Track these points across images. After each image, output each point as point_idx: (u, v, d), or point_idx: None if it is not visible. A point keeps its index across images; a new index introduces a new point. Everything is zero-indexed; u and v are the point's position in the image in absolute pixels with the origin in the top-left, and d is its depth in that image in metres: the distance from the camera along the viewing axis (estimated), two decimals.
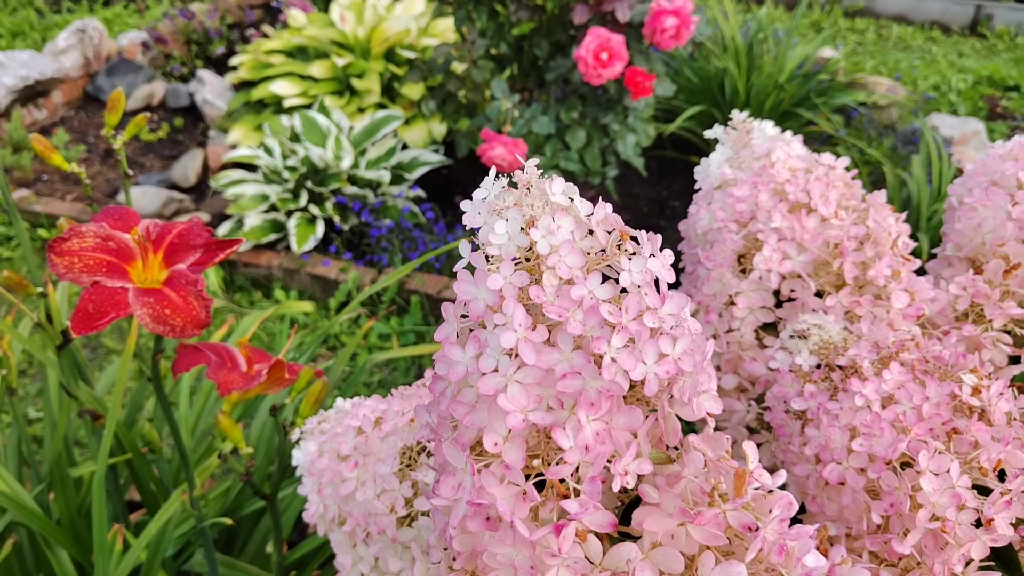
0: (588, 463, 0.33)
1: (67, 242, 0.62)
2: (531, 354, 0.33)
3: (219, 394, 0.67)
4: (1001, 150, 0.69)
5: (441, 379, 0.36)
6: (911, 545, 0.43)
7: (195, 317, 0.61)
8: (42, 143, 0.81)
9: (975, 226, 0.66)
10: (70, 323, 0.58)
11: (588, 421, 0.33)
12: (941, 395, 0.46)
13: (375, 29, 2.54)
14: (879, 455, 0.45)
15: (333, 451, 0.58)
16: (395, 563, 0.52)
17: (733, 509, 0.36)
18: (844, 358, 0.51)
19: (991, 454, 0.44)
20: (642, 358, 0.34)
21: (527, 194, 0.36)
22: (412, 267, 0.99)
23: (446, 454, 0.35)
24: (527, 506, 0.33)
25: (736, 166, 0.68)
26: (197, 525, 0.83)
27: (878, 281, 0.59)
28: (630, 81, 1.76)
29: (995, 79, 3.22)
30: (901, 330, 0.53)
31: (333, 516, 0.57)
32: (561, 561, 0.33)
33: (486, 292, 0.34)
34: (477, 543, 0.34)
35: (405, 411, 0.56)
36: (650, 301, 0.34)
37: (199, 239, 0.66)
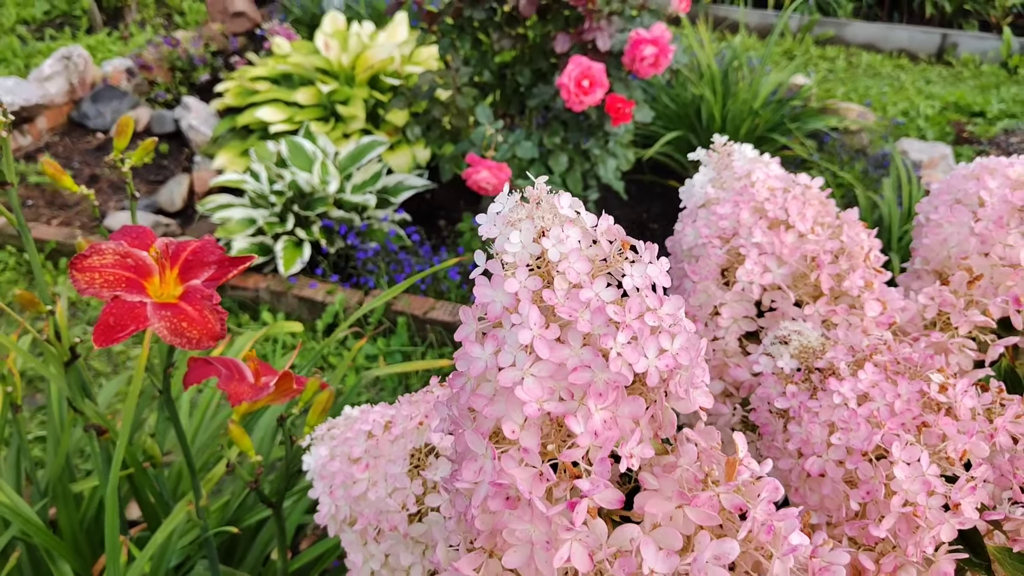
0: (597, 447, 0.37)
1: (88, 259, 0.65)
2: (545, 350, 0.37)
3: (231, 404, 0.70)
4: (964, 171, 0.74)
5: (461, 375, 0.40)
6: (886, 529, 0.47)
7: (210, 330, 0.64)
8: (52, 166, 0.84)
9: (941, 241, 0.71)
10: (93, 335, 0.61)
11: (597, 410, 0.37)
12: (911, 393, 0.50)
13: (359, 57, 2.58)
14: (856, 448, 0.49)
15: (344, 454, 0.61)
16: (406, 558, 0.56)
17: (726, 492, 0.40)
18: (822, 361, 0.55)
19: (957, 445, 0.48)
20: (644, 352, 0.37)
21: (538, 207, 0.40)
22: (400, 289, 1.03)
23: (468, 442, 0.38)
24: (543, 486, 0.36)
25: (719, 186, 0.73)
26: (201, 535, 0.86)
27: (852, 291, 0.64)
28: (610, 108, 1.82)
29: (961, 105, 3.31)
30: (874, 335, 0.57)
31: (344, 517, 0.61)
32: (574, 535, 0.36)
33: (503, 295, 0.38)
34: (497, 521, 0.38)
35: (413, 415, 0.59)
36: (650, 302, 0.38)
37: (212, 256, 0.69)
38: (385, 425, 0.60)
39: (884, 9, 4.34)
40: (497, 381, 0.38)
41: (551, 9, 1.95)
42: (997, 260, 0.66)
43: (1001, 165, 0.72)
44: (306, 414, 0.72)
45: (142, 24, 3.72)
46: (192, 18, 3.80)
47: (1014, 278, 0.65)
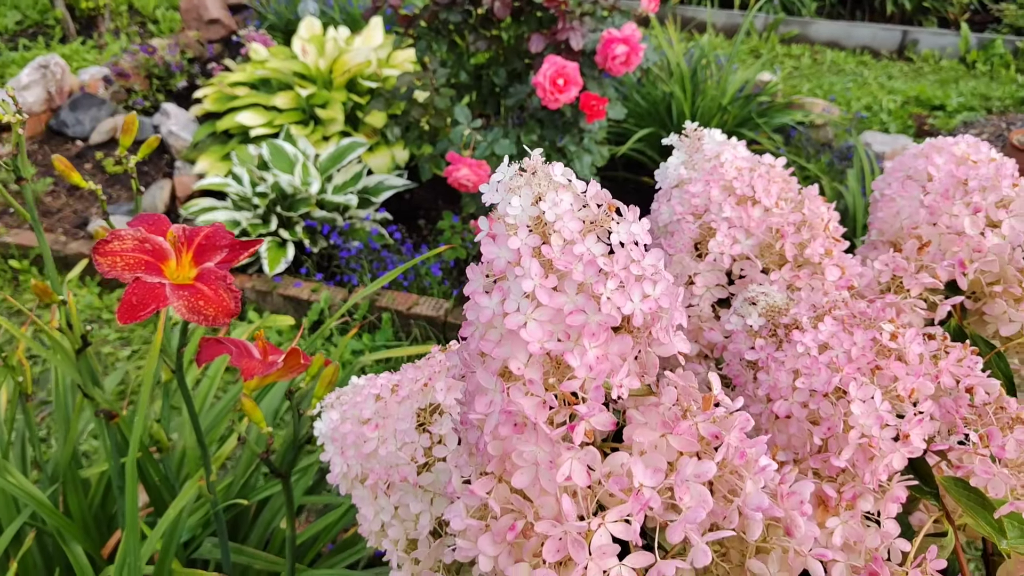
0: (592, 379, 0.43)
1: (109, 244, 0.70)
2: (545, 297, 0.43)
3: (243, 378, 0.75)
4: (915, 150, 0.81)
5: (471, 323, 0.46)
6: (846, 460, 0.53)
7: (226, 307, 0.70)
8: (62, 162, 0.89)
9: (894, 214, 0.78)
10: (117, 314, 0.67)
11: (591, 347, 0.43)
12: (866, 341, 0.57)
13: (336, 61, 2.63)
14: (818, 390, 0.55)
15: (354, 417, 0.67)
16: (416, 506, 0.61)
17: (703, 421, 0.46)
18: (787, 317, 0.61)
19: (906, 385, 0.54)
20: (630, 297, 0.43)
21: (534, 176, 0.46)
22: (381, 283, 1.08)
23: (479, 379, 0.44)
24: (547, 412, 0.42)
25: (691, 167, 0.79)
26: (212, 509, 0.91)
27: (814, 259, 0.70)
28: (585, 105, 1.88)
29: (922, 99, 3.42)
30: (833, 295, 0.63)
31: (356, 474, 0.66)
32: (574, 454, 0.42)
33: (507, 251, 0.44)
34: (507, 446, 0.43)
35: (418, 379, 0.65)
36: (634, 255, 0.44)
37: (224, 240, 0.74)
38: (392, 388, 0.66)
39: (847, 7, 4.45)
40: (504, 326, 0.43)
41: (524, 11, 2.01)
42: (944, 229, 0.73)
43: (947, 144, 0.79)
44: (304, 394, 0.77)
45: (116, 33, 3.74)
46: (166, 26, 3.83)
47: (959, 244, 0.72)
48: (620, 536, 0.42)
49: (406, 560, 0.62)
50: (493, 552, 0.44)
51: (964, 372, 0.58)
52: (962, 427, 0.56)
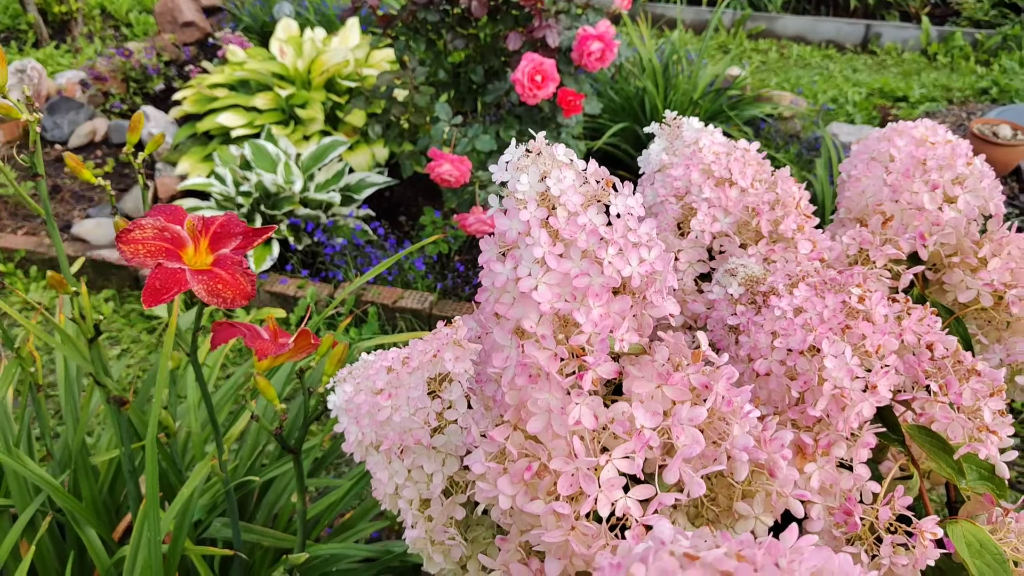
0: (597, 333, 0.48)
1: (131, 233, 0.75)
2: (554, 262, 0.48)
3: (257, 358, 0.80)
4: (878, 134, 0.87)
5: (486, 289, 0.51)
6: (820, 410, 0.59)
7: (243, 290, 0.74)
8: (73, 159, 0.93)
9: (860, 192, 0.84)
10: (142, 298, 0.71)
11: (595, 306, 0.48)
12: (836, 303, 0.63)
13: (314, 61, 2.67)
14: (794, 348, 0.61)
15: (368, 388, 0.72)
16: (429, 466, 0.66)
17: (694, 373, 0.51)
18: (764, 286, 0.67)
19: (873, 341, 0.60)
20: (628, 261, 0.49)
21: (539, 156, 0.51)
22: (367, 278, 1.12)
23: (496, 338, 0.49)
24: (558, 363, 0.47)
25: (671, 153, 0.85)
26: (224, 487, 0.95)
27: (787, 234, 0.76)
28: (562, 100, 1.94)
29: (886, 91, 3.51)
30: (805, 266, 0.69)
31: (370, 441, 0.71)
32: (583, 400, 0.47)
33: (518, 223, 0.49)
34: (523, 395, 0.49)
35: (427, 351, 0.70)
36: (631, 224, 0.50)
37: (237, 228, 0.79)
38: (403, 361, 0.71)
39: (812, 3, 4.55)
40: (516, 290, 0.49)
41: (501, 10, 2.06)
42: (906, 205, 0.79)
43: (907, 127, 0.85)
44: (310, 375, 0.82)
45: (89, 37, 3.75)
46: (139, 30, 3.84)
47: (919, 219, 0.78)
48: (625, 471, 0.47)
49: (420, 518, 0.67)
50: (511, 491, 0.49)
51: (925, 330, 0.64)
52: (924, 379, 0.62)
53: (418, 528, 0.68)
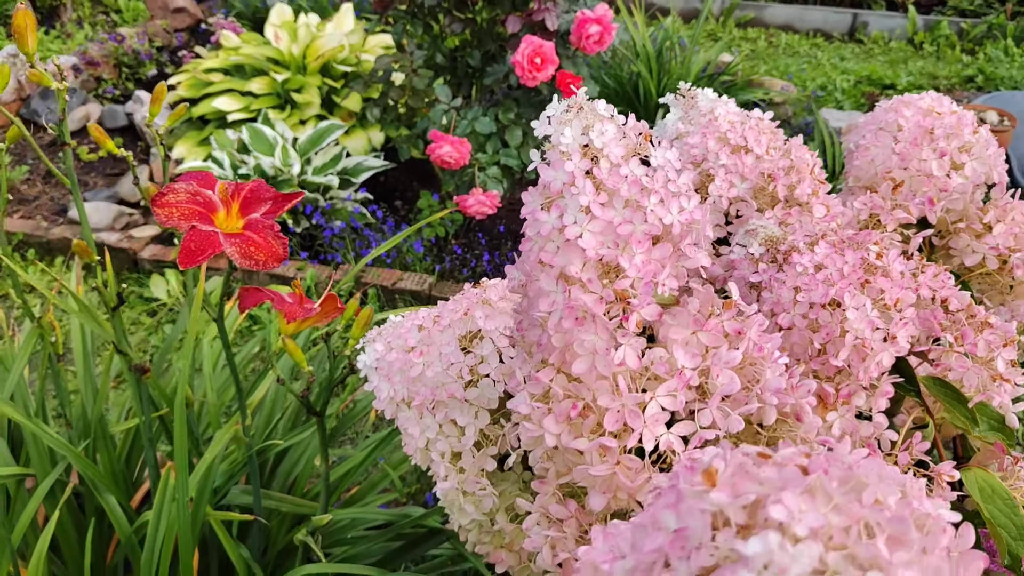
0: (640, 278, 0.50)
1: (165, 196, 0.76)
2: (598, 210, 0.50)
3: (286, 321, 0.81)
4: (885, 105, 0.90)
5: (530, 239, 0.53)
6: (842, 360, 0.62)
7: (275, 252, 0.76)
8: (97, 130, 0.94)
9: (868, 161, 0.87)
10: (178, 259, 0.73)
11: (637, 252, 0.51)
12: (856, 259, 0.65)
13: (309, 46, 2.67)
14: (816, 302, 0.64)
15: (399, 346, 0.74)
16: (462, 419, 0.68)
17: (728, 319, 0.54)
18: (785, 244, 0.70)
19: (892, 295, 0.63)
20: (669, 210, 0.51)
21: (580, 111, 0.53)
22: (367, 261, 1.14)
23: (542, 284, 0.51)
24: (603, 306, 0.50)
25: (687, 123, 0.87)
26: (247, 452, 0.97)
27: (802, 198, 0.79)
28: (561, 83, 1.96)
29: (873, 79, 3.56)
30: (822, 226, 0.72)
31: (402, 397, 0.73)
32: (627, 340, 0.50)
33: (562, 174, 0.51)
34: (568, 337, 0.51)
35: (457, 309, 0.72)
36: (671, 175, 0.52)
37: (267, 194, 0.81)
38: (434, 319, 0.73)
39: None
40: (561, 238, 0.51)
41: None
42: (914, 172, 0.82)
43: (914, 99, 0.88)
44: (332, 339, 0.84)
45: (79, 23, 3.73)
46: (129, 16, 3.82)
47: (928, 185, 0.81)
48: (667, 407, 0.50)
49: (452, 470, 0.70)
50: (556, 430, 0.52)
51: (939, 285, 0.67)
52: (939, 331, 0.65)
53: (450, 480, 0.70)
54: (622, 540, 0.34)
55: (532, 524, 0.60)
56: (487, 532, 0.76)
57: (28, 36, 0.87)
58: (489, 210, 1.92)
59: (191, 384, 1.12)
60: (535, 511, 0.60)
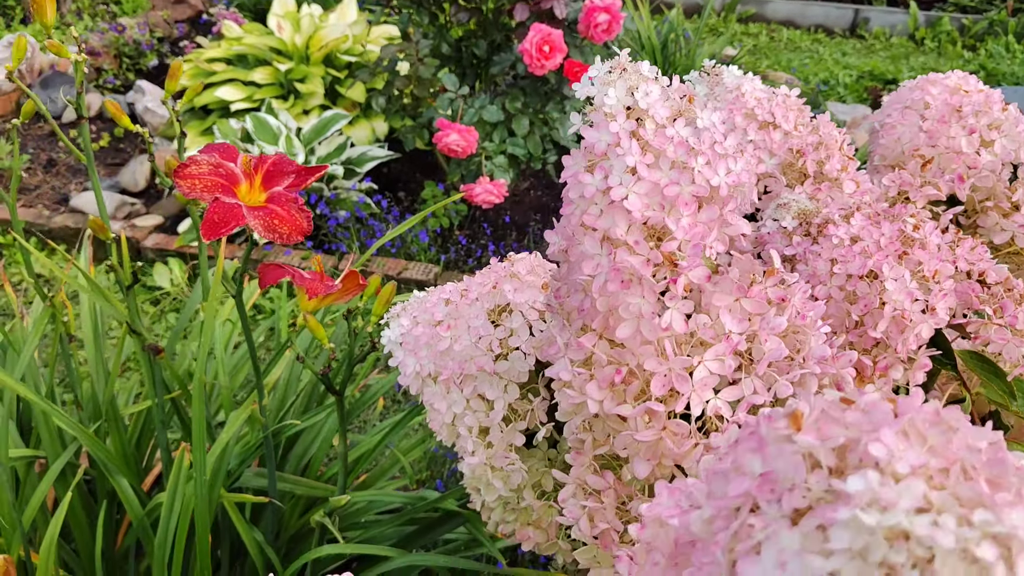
0: (687, 240, 0.50)
1: (187, 168, 0.75)
2: (645, 171, 0.49)
3: (308, 297, 0.80)
4: (910, 84, 0.89)
5: (571, 202, 0.52)
6: (881, 332, 0.61)
7: (299, 226, 0.75)
8: (113, 105, 0.93)
9: (895, 140, 0.86)
10: (201, 229, 0.72)
11: (684, 215, 0.50)
12: (892, 231, 0.64)
13: (313, 36, 2.66)
14: (854, 273, 0.63)
15: (426, 321, 0.73)
16: (491, 392, 0.67)
17: (771, 285, 0.53)
18: (819, 218, 0.69)
19: (930, 266, 0.62)
20: (717, 171, 0.50)
21: (624, 72, 0.52)
22: (376, 248, 1.13)
23: (586, 247, 0.50)
24: (650, 268, 0.49)
25: (713, 99, 0.86)
26: (264, 433, 0.96)
27: (832, 174, 0.78)
28: (569, 72, 1.95)
29: (875, 74, 3.56)
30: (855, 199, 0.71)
31: (428, 372, 0.72)
32: (675, 304, 0.49)
33: (607, 135, 0.50)
34: (613, 301, 0.50)
35: (485, 283, 0.71)
36: (717, 137, 0.51)
37: (290, 167, 0.79)
38: (461, 293, 0.72)
39: None
40: (605, 200, 0.50)
41: None
42: (943, 149, 0.81)
43: (940, 78, 0.87)
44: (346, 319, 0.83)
45: (79, 14, 3.71)
46: (129, 7, 3.80)
47: (957, 162, 0.80)
48: (715, 372, 0.49)
49: (480, 445, 0.69)
50: (599, 396, 0.51)
51: (976, 258, 0.66)
52: (977, 304, 0.64)
53: (478, 455, 0.69)
54: (695, 490, 0.33)
55: (568, 496, 0.59)
56: (512, 510, 0.75)
57: (47, 7, 0.86)
58: (496, 199, 1.91)
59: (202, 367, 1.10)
60: (571, 483, 0.59)
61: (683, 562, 0.33)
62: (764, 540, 0.26)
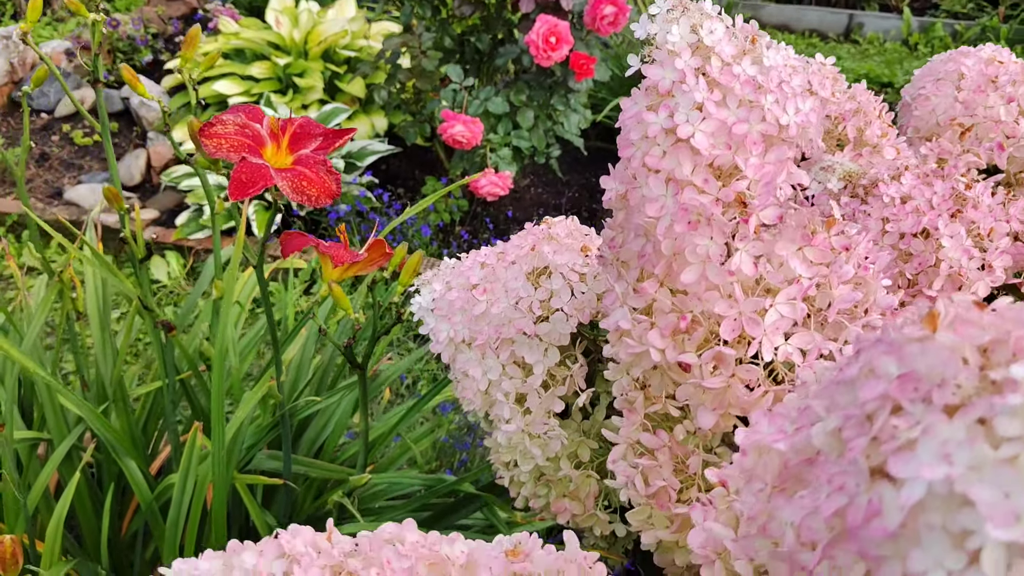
0: (757, 180, 0.48)
1: (213, 127, 0.73)
2: (712, 108, 0.47)
3: (333, 265, 0.78)
4: (942, 57, 0.88)
5: (631, 144, 0.50)
6: (936, 289, 0.59)
7: (327, 188, 0.73)
8: (128, 71, 0.91)
9: (930, 111, 0.85)
10: (228, 189, 0.69)
11: (753, 155, 0.48)
12: (945, 189, 0.63)
13: (311, 32, 2.64)
14: (907, 231, 0.61)
15: (460, 285, 0.70)
16: (531, 356, 0.65)
17: (835, 235, 0.51)
18: (866, 179, 0.67)
19: (985, 224, 0.61)
20: (785, 110, 0.48)
21: (686, 11, 0.51)
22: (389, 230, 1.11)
23: (650, 187, 0.48)
24: (720, 207, 0.47)
25: None
26: (281, 411, 0.93)
27: (872, 140, 0.76)
28: (574, 64, 1.94)
29: (871, 77, 3.57)
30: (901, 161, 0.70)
31: (463, 338, 0.70)
32: (744, 247, 0.47)
33: (672, 72, 0.49)
34: (679, 243, 0.48)
35: (523, 245, 0.69)
36: (784, 76, 0.49)
37: (317, 130, 0.77)
38: (498, 256, 0.70)
39: None
40: (668, 140, 0.48)
41: None
42: (981, 118, 0.80)
43: (972, 50, 0.86)
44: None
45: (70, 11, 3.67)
46: (121, 4, 3.77)
47: (995, 130, 0.79)
48: (786, 315, 0.47)
49: (517, 412, 0.66)
50: (661, 345, 0.49)
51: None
52: None
53: (514, 422, 0.67)
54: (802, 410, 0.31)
55: (619, 456, 0.57)
56: (545, 483, 0.73)
57: None
58: (502, 191, 1.89)
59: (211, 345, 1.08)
60: (622, 443, 0.57)
61: (792, 485, 0.31)
62: (920, 435, 0.24)
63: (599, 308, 0.68)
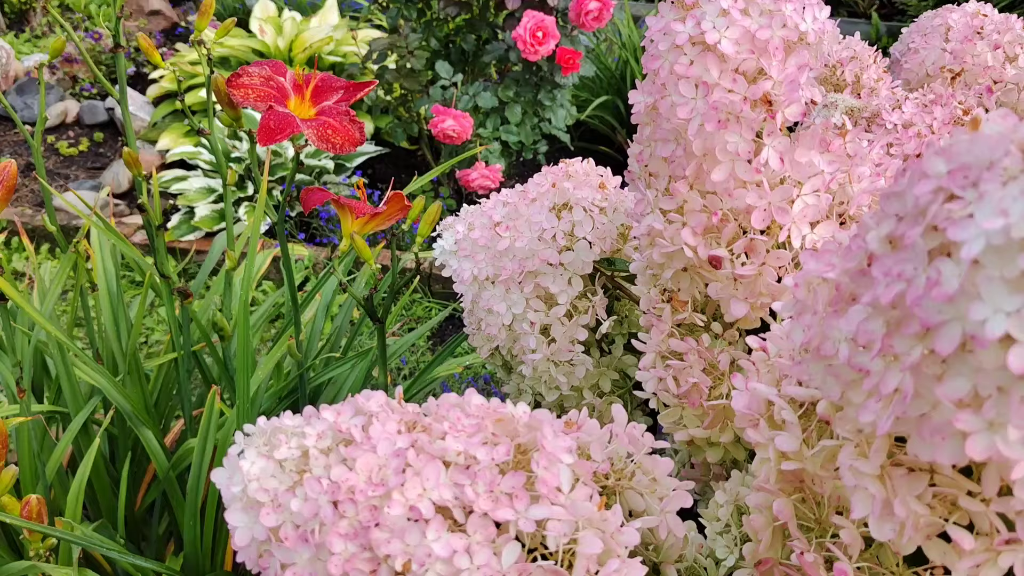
0: (781, 81, 0.51)
1: (240, 78, 0.75)
2: (738, 15, 0.51)
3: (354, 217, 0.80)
4: (929, 14, 0.92)
5: (658, 56, 0.53)
6: None
7: (351, 136, 0.75)
8: (146, 40, 0.93)
9: (919, 63, 0.89)
10: (258, 135, 0.72)
11: (775, 59, 0.51)
12: (944, 115, 0.67)
13: (296, 39, 2.67)
14: (910, 154, 0.65)
15: (483, 224, 0.73)
16: (555, 286, 0.68)
17: (850, 142, 0.54)
18: (868, 112, 0.71)
19: None
20: (804, 18, 0.52)
21: None
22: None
23: (681, 91, 0.51)
24: (748, 105, 0.50)
25: None
26: (299, 371, 0.95)
27: (869, 83, 0.80)
28: (561, 59, 1.98)
29: None
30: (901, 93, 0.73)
31: (486, 275, 0.72)
32: (771, 142, 0.50)
33: None
34: (709, 143, 0.51)
35: (542, 184, 0.72)
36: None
37: (338, 83, 0.80)
38: (520, 194, 0.73)
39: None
40: (696, 50, 0.51)
41: None
42: (969, 65, 0.84)
43: (957, 7, 0.91)
44: None
45: (50, 27, 3.68)
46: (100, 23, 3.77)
47: (984, 75, 0.83)
48: (812, 204, 0.50)
49: (542, 342, 0.69)
50: (693, 242, 0.52)
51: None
52: None
53: (540, 351, 0.69)
54: (869, 219, 0.34)
55: (648, 365, 0.59)
56: None
57: None
58: (492, 184, 1.92)
59: (228, 318, 1.09)
60: (649, 352, 0.59)
61: (844, 307, 0.34)
62: (976, 202, 0.27)
63: (617, 243, 0.71)
